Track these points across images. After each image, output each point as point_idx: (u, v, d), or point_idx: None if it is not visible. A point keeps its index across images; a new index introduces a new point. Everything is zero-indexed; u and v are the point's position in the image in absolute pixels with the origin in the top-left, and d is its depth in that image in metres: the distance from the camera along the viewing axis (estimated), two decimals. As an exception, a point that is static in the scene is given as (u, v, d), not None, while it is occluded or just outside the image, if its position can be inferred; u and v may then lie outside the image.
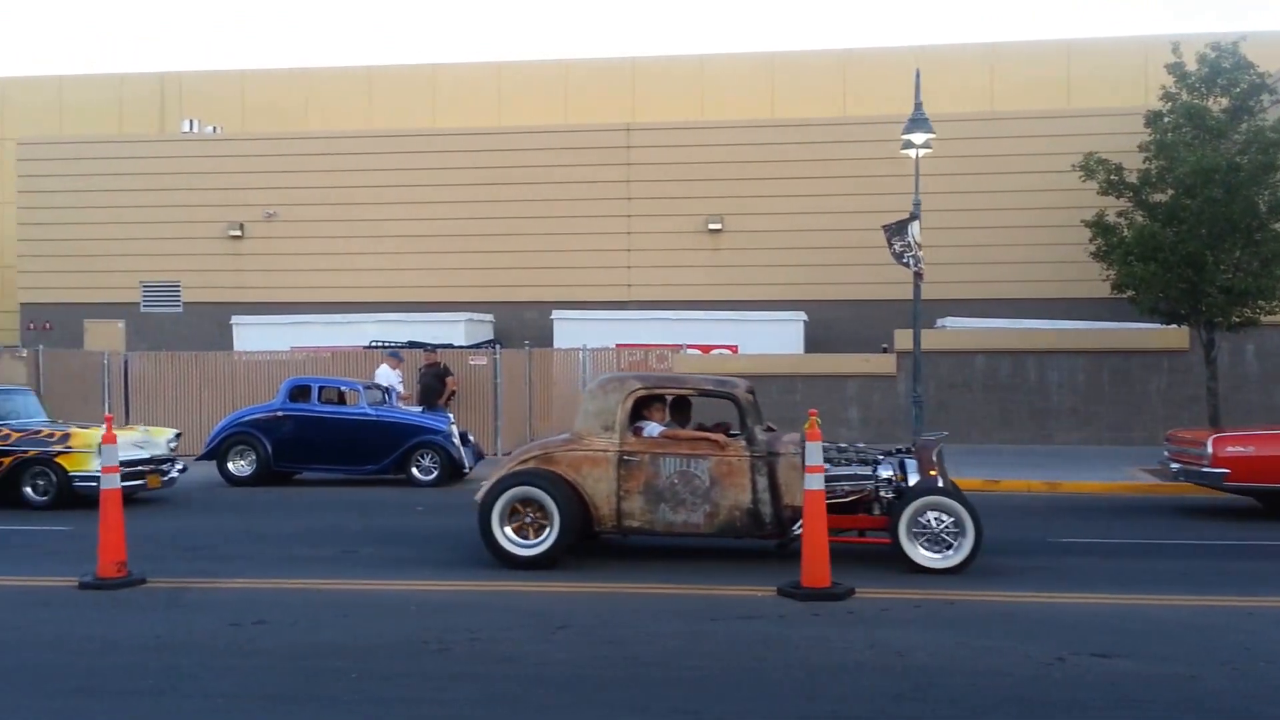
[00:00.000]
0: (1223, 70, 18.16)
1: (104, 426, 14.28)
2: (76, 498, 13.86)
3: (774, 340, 24.00)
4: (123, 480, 13.74)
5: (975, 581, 9.20)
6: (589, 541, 10.60)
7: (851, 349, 24.22)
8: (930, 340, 20.72)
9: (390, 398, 18.25)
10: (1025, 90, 30.10)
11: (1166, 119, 18.65)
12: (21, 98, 35.01)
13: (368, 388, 17.81)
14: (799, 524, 9.44)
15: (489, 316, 27.55)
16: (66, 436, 14.15)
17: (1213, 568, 10.11)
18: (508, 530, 9.83)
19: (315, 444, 17.06)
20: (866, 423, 21.61)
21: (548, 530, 9.76)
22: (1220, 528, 12.66)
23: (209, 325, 28.46)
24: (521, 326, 26.92)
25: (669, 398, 10.66)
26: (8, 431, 14.26)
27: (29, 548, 11.42)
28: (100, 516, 9.23)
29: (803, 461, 9.28)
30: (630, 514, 9.86)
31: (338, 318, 26.32)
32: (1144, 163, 18.82)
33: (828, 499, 9.52)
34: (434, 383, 19.32)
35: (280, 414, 17.25)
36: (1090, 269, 20.40)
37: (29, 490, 14.04)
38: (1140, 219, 18.52)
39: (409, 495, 15.57)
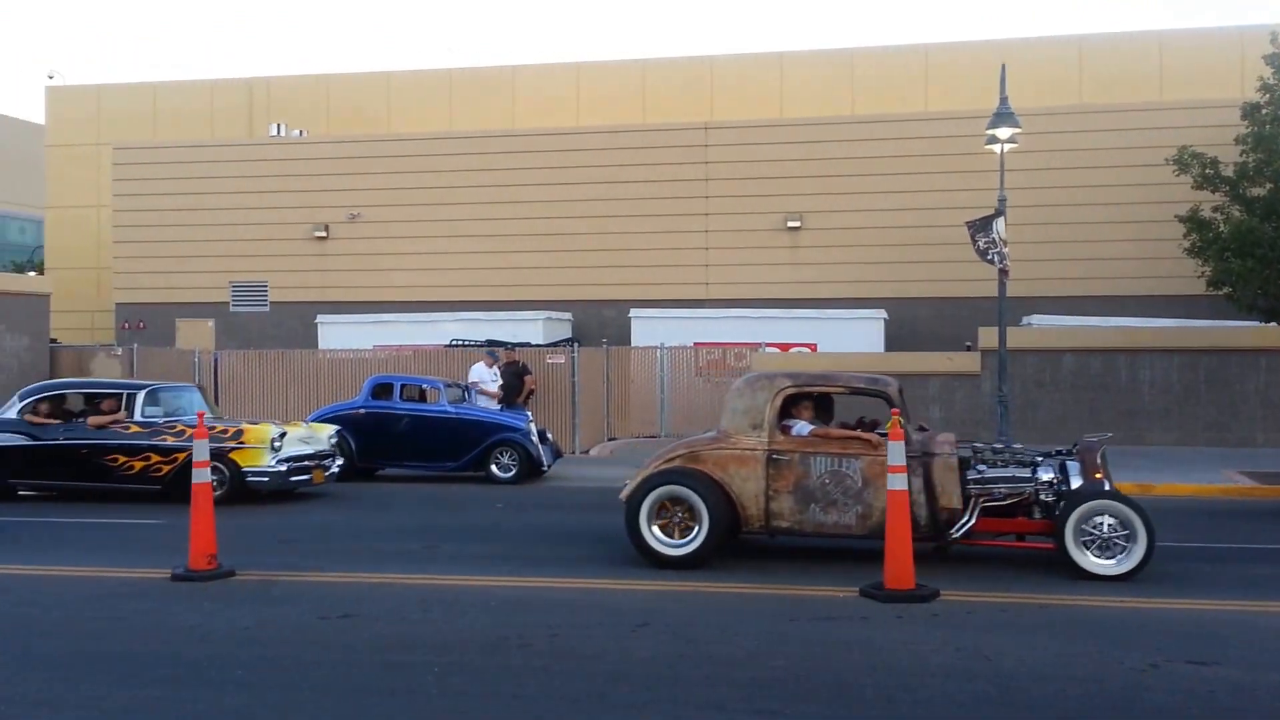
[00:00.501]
0: (1324, 60, 17.60)
1: (274, 424, 14.85)
2: (248, 493, 14.13)
3: (853, 338, 23.77)
4: (290, 475, 14.20)
5: (1065, 586, 9.00)
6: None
7: (932, 347, 23.90)
8: (1016, 338, 20.34)
9: (470, 395, 18.38)
10: (1115, 83, 29.50)
11: (1265, 110, 18.16)
12: (118, 104, 36.10)
13: (448, 386, 17.95)
14: (957, 527, 9.40)
15: (567, 315, 27.68)
16: (239, 433, 14.33)
17: None
18: (655, 529, 9.73)
19: (397, 441, 17.23)
20: (949, 423, 21.24)
21: (696, 530, 9.64)
22: (1323, 532, 12.21)
23: (295, 324, 29.02)
24: (599, 325, 26.99)
25: (816, 396, 10.41)
26: (182, 427, 14.40)
27: (120, 539, 11.67)
28: (191, 510, 9.39)
29: (957, 462, 9.21)
30: (779, 514, 9.68)
31: (419, 316, 26.64)
32: (1241, 156, 18.35)
33: (984, 502, 9.44)
34: (513, 381, 19.43)
35: (363, 411, 17.44)
36: (1184, 265, 19.92)
37: None
38: (1237, 213, 18.07)
39: (488, 492, 15.66)
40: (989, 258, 17.74)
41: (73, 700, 6.16)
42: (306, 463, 14.65)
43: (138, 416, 14.56)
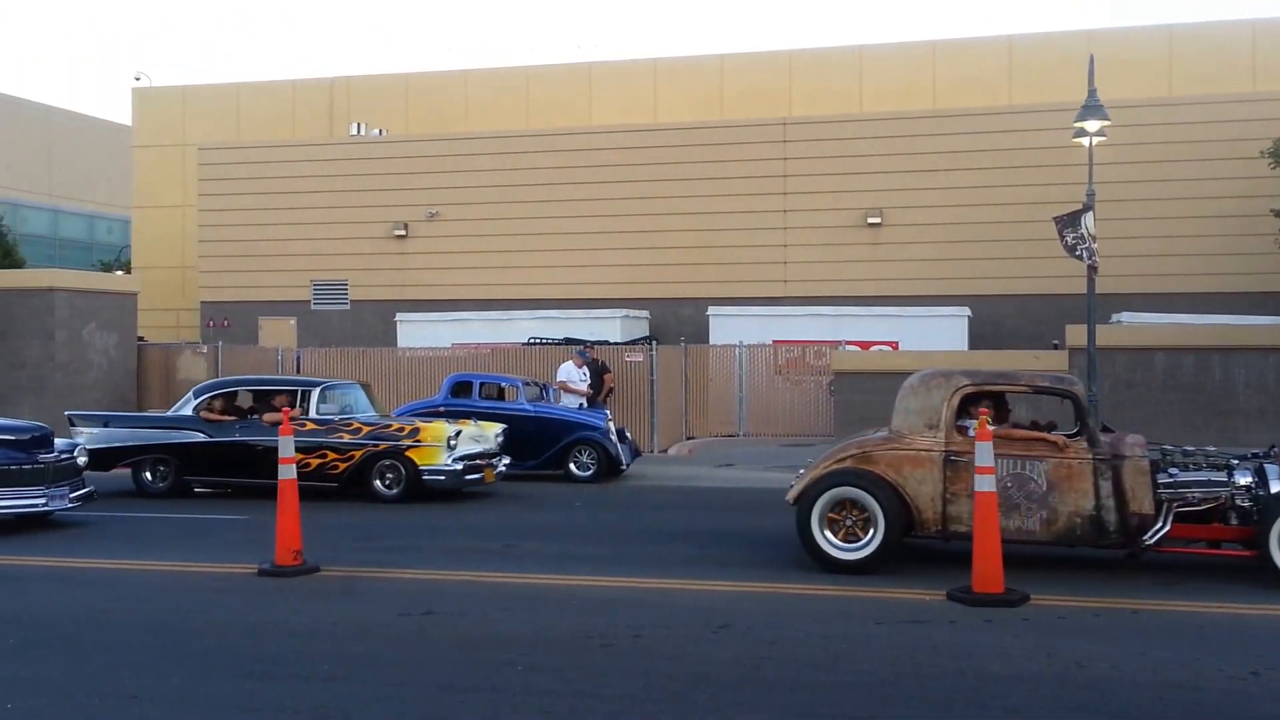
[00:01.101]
0: None
1: (448, 422, 14.85)
2: (424, 491, 14.17)
3: (936, 336, 23.38)
4: (465, 474, 14.28)
5: (1159, 591, 8.79)
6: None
7: (1017, 346, 23.45)
8: (1105, 336, 19.87)
9: (549, 394, 18.41)
10: (1206, 74, 28.80)
11: (1365, 99, 17.49)
12: (203, 105, 36.87)
13: (526, 384, 17.99)
14: (1150, 534, 9.07)
15: (644, 313, 27.63)
16: (416, 431, 14.34)
17: None
18: (827, 533, 9.51)
19: (476, 439, 17.32)
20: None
21: (871, 533, 9.40)
22: None
23: (374, 322, 29.37)
24: (677, 323, 26.91)
25: (995, 395, 10.11)
26: (357, 425, 14.48)
27: (210, 535, 11.91)
28: (278, 505, 9.53)
29: (1149, 466, 8.99)
30: (957, 518, 9.34)
31: (497, 314, 26.82)
32: (1339, 147, 17.72)
33: (1178, 507, 9.12)
34: (593, 379, 19.45)
35: (443, 409, 17.51)
36: (1278, 260, 19.30)
37: (378, 483, 14.25)
38: (1336, 207, 17.45)
39: (567, 491, 15.67)
40: (1077, 253, 17.35)
41: (163, 694, 6.26)
42: (479, 461, 14.67)
43: (312, 414, 14.56)
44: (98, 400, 21.75)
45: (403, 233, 30.01)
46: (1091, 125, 17.63)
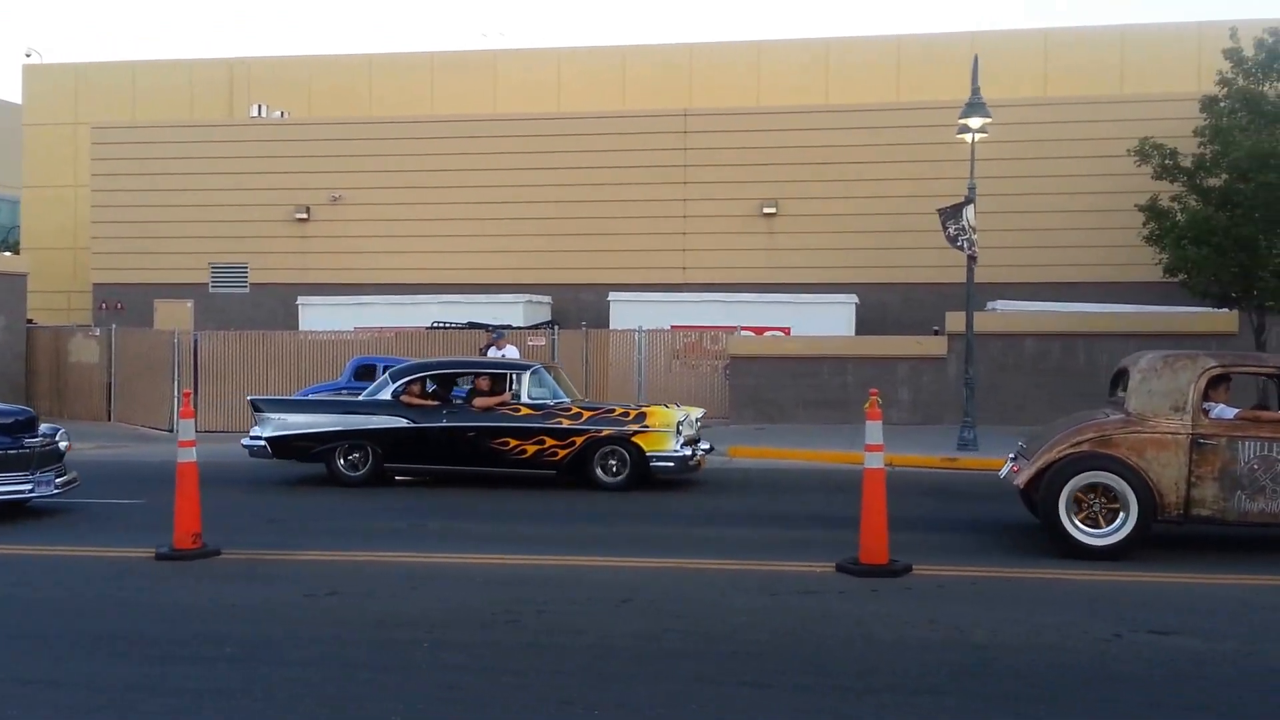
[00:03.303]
0: (1280, 55, 18.00)
1: (672, 406, 14.42)
2: (651, 478, 13.85)
3: (826, 322, 24.23)
4: (690, 460, 13.91)
5: (1032, 560, 9.36)
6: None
7: (901, 331, 24.43)
8: (982, 323, 20.88)
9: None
10: (1079, 76, 29.90)
11: (1222, 104, 18.58)
12: (97, 83, 35.90)
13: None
14: None
15: (547, 298, 27.95)
16: (642, 415, 13.87)
17: (1268, 547, 10.12)
18: (1076, 519, 9.44)
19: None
20: (916, 405, 21.88)
21: (1122, 518, 9.38)
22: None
23: (275, 306, 29.14)
24: (579, 308, 27.34)
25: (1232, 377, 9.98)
26: (578, 410, 13.99)
27: (97, 519, 11.74)
28: (177, 489, 9.43)
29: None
30: (1200, 502, 9.34)
31: (400, 299, 26.84)
32: (1199, 148, 18.80)
33: None
34: None
35: (345, 392, 17.55)
36: (1142, 253, 20.44)
37: (599, 471, 13.77)
38: (1194, 203, 18.54)
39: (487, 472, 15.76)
40: (959, 244, 18.16)
41: (68, 678, 6.30)
42: (696, 446, 14.21)
43: (524, 398, 14.11)
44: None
45: (304, 216, 29.83)
46: (974, 122, 18.19)
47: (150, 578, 8.82)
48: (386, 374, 14.99)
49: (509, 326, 22.45)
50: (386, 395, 14.45)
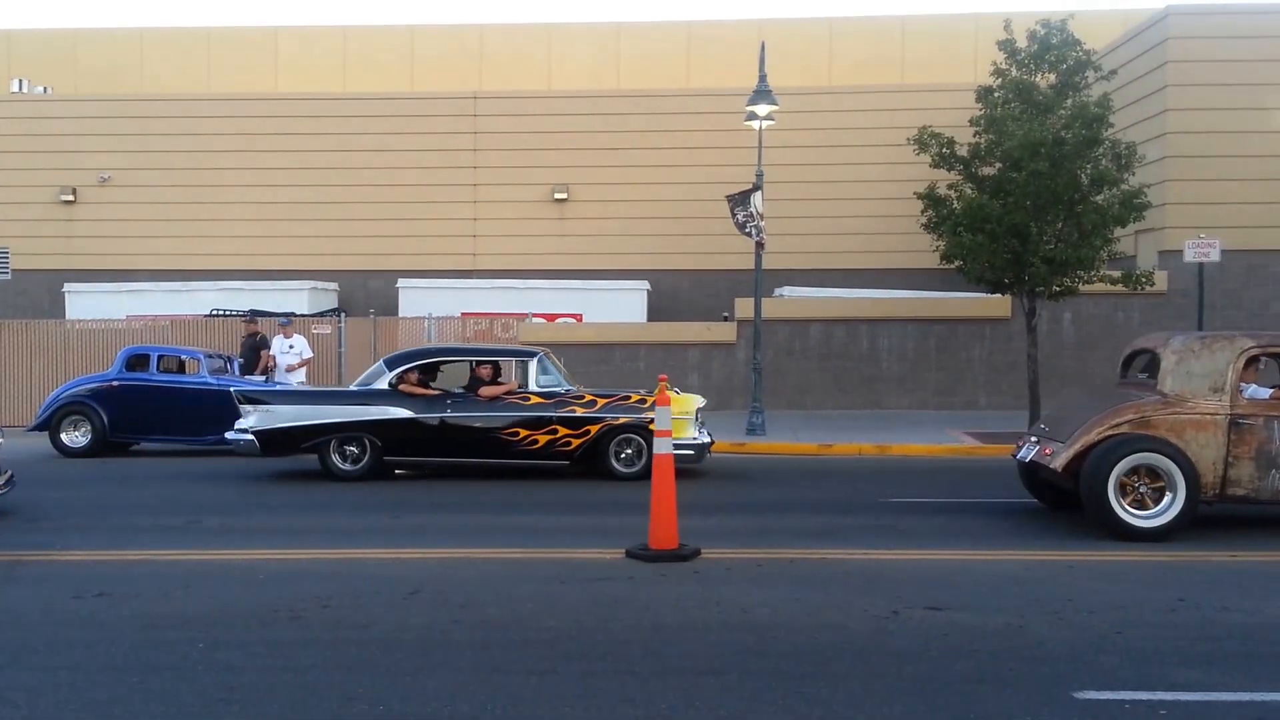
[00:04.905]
0: (1051, 46, 18.35)
1: (682, 392, 13.90)
2: None
3: (618, 309, 24.38)
4: (706, 449, 13.56)
5: (813, 541, 9.62)
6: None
7: (693, 317, 24.76)
8: (770, 309, 21.30)
9: (232, 366, 17.93)
10: (863, 65, 30.74)
11: (997, 94, 19.16)
12: None
13: (209, 356, 17.46)
14: None
15: (333, 285, 27.20)
16: None
17: (1034, 524, 10.61)
18: (1124, 501, 9.49)
19: (154, 414, 16.68)
20: (706, 390, 22.05)
21: (1169, 500, 9.45)
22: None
23: (40, 293, 27.43)
24: (367, 295, 26.68)
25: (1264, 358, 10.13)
26: (592, 397, 13.54)
27: None
28: None
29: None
30: (1236, 481, 9.53)
31: (176, 286, 25.68)
32: (974, 137, 19.41)
33: None
34: (250, 354, 18.79)
35: (116, 384, 16.84)
36: (922, 240, 21.07)
37: (614, 461, 13.40)
38: (969, 191, 19.14)
39: (253, 465, 15.30)
40: (747, 231, 18.44)
41: None
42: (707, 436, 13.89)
43: (532, 386, 13.58)
44: None
45: (70, 198, 28.08)
46: (761, 109, 18.48)
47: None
48: (381, 361, 14.34)
49: (294, 314, 21.60)
50: (383, 385, 13.81)
